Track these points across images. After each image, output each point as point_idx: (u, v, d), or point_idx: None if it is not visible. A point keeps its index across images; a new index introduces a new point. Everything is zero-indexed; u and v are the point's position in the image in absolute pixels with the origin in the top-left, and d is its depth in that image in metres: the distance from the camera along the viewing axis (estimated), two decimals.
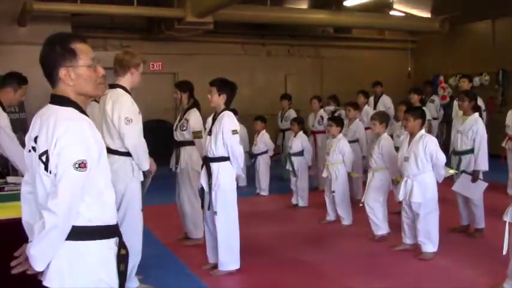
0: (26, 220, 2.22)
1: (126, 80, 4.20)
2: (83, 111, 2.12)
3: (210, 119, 4.82)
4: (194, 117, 5.52)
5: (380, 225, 5.70)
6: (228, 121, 4.59)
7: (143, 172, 4.20)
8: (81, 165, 1.98)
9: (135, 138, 4.08)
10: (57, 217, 1.94)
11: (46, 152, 2.00)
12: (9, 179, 4.36)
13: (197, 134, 5.47)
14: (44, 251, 1.98)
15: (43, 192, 2.05)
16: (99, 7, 9.50)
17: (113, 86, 4.17)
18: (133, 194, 4.13)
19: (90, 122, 2.11)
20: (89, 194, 2.05)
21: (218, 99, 4.66)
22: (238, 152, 4.64)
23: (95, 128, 2.12)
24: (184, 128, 5.55)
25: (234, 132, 4.60)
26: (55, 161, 1.98)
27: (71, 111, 2.08)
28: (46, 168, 2.00)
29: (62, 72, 2.08)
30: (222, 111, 4.67)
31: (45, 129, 2.03)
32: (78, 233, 2.03)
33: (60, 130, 1.99)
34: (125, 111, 4.05)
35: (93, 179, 2.04)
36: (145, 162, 4.16)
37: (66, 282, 2.03)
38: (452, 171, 5.40)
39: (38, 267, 2.00)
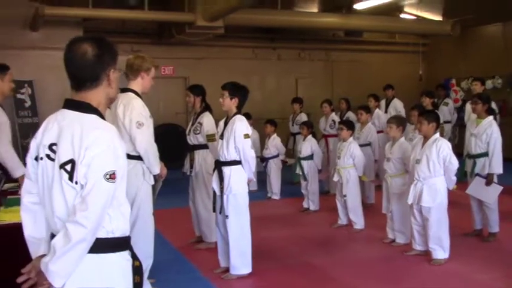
0: (29, 234, 2.11)
1: (137, 84, 4.22)
2: (104, 119, 2.07)
3: (222, 123, 4.83)
4: (207, 121, 5.54)
5: (407, 234, 5.53)
6: (240, 125, 4.59)
7: (154, 176, 4.21)
8: (112, 176, 1.92)
9: (146, 142, 4.09)
10: (86, 230, 1.87)
11: (71, 161, 1.92)
12: None
13: (211, 137, 5.48)
14: (67, 266, 1.90)
15: (62, 204, 1.96)
16: (110, 12, 9.57)
17: (124, 90, 4.18)
18: (144, 198, 4.13)
19: (117, 131, 2.06)
20: (112, 206, 1.98)
21: (230, 103, 4.66)
22: (250, 155, 4.64)
23: (121, 137, 2.08)
24: (198, 132, 5.56)
25: (246, 136, 4.60)
26: (83, 171, 1.90)
27: (95, 118, 2.02)
28: (71, 179, 1.92)
29: (112, 73, 2.08)
30: (233, 115, 4.67)
31: (68, 137, 1.95)
32: (100, 245, 1.96)
33: (89, 139, 1.92)
34: (136, 115, 4.06)
35: (116, 191, 1.98)
36: (156, 166, 4.17)
37: None
38: (455, 189, 5.30)
39: (58, 283, 1.90)
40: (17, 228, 2.34)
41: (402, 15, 12.75)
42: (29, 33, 9.38)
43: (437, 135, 5.11)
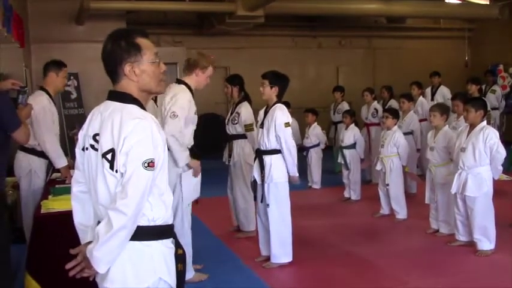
0: (78, 221, 2.20)
1: (191, 79, 4.30)
2: (144, 109, 2.09)
3: (262, 112, 4.85)
4: (245, 111, 5.57)
5: (451, 224, 5.36)
6: (281, 114, 4.61)
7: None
8: (150, 164, 1.94)
9: (173, 132, 4.04)
10: (126, 217, 1.91)
11: (112, 150, 1.97)
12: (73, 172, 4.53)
13: (249, 127, 5.52)
14: (110, 252, 1.95)
15: (105, 192, 2.02)
16: (153, 4, 9.73)
17: (179, 81, 4.30)
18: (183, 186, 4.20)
19: (156, 121, 2.08)
20: (153, 194, 2.02)
21: (270, 92, 4.68)
22: (291, 144, 4.64)
23: (160, 126, 2.10)
24: (236, 122, 5.60)
25: (287, 124, 4.61)
26: (122, 160, 1.95)
27: (135, 108, 2.04)
28: (111, 167, 1.97)
29: (127, 68, 2.05)
30: (274, 104, 4.69)
31: (109, 127, 1.99)
32: (142, 233, 2.00)
33: (128, 128, 1.95)
34: (175, 105, 4.11)
35: (157, 179, 2.02)
36: (181, 160, 4.10)
37: (129, 283, 2.01)
38: (504, 178, 5.13)
39: (101, 269, 1.97)
40: (67, 215, 2.43)
41: (447, 0, 12.39)
42: (75, 27, 9.63)
43: (485, 123, 4.96)
